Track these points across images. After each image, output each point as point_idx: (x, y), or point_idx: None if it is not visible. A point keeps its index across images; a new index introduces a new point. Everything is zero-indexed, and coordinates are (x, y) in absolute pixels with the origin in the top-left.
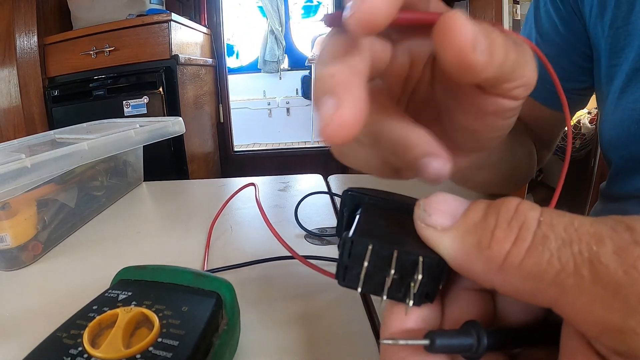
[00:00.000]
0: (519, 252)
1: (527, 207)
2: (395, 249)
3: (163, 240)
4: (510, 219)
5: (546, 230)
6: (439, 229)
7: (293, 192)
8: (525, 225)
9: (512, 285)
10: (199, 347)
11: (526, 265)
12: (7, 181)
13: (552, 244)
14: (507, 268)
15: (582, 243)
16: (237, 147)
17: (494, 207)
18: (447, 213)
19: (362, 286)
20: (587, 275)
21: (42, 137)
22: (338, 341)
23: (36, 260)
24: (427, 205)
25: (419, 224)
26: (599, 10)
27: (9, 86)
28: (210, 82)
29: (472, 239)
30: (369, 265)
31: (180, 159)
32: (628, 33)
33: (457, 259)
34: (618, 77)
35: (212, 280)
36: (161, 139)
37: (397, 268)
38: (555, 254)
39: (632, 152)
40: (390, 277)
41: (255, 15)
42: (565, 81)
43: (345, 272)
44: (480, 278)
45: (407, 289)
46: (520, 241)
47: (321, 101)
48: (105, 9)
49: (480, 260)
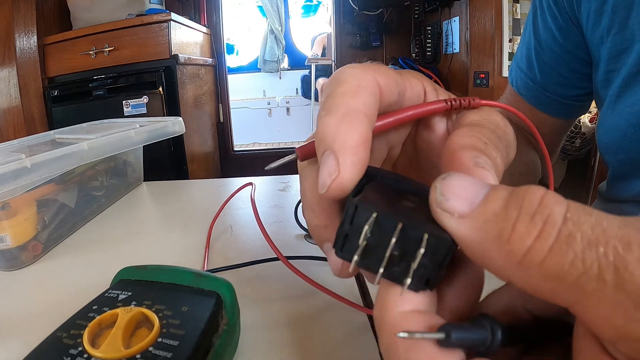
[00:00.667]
0: (541, 250)
1: (553, 200)
2: (400, 220)
3: (163, 240)
4: (534, 212)
5: (572, 229)
6: (456, 216)
7: (293, 192)
8: (550, 220)
9: (530, 282)
10: (199, 347)
11: (548, 264)
12: (7, 181)
13: (577, 244)
14: (526, 265)
15: (609, 246)
16: (237, 147)
17: (517, 196)
18: (466, 198)
19: (359, 258)
20: (611, 281)
21: (42, 137)
22: (338, 341)
23: (36, 260)
24: (445, 188)
25: (434, 208)
26: (596, 17)
27: (8, 86)
28: (210, 81)
29: (491, 229)
30: (370, 237)
31: (180, 159)
32: (625, 38)
33: (473, 248)
34: (615, 82)
35: (212, 280)
36: (161, 139)
37: (400, 243)
38: (580, 255)
39: (629, 156)
40: (390, 248)
41: (255, 14)
42: (566, 88)
43: (344, 240)
44: (496, 271)
45: (406, 269)
46: (543, 237)
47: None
48: (105, 9)
49: (499, 253)
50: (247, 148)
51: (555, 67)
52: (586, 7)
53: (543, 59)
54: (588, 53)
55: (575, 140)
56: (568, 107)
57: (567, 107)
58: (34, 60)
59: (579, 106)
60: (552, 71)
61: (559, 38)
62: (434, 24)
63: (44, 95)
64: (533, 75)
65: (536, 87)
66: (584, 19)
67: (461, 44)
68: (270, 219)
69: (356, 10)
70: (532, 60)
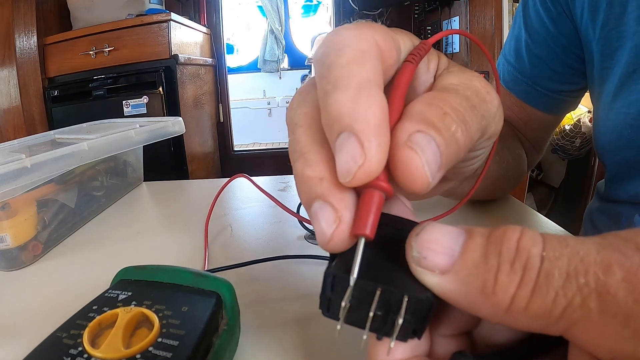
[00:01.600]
0: (525, 295)
1: (529, 243)
2: (379, 286)
3: (163, 240)
4: (513, 259)
5: (549, 267)
6: (437, 272)
7: (293, 192)
8: (528, 265)
9: (520, 324)
10: (199, 347)
11: (532, 307)
12: (7, 181)
13: (556, 281)
14: (513, 312)
15: (589, 274)
16: (237, 147)
17: (495, 243)
18: (444, 253)
19: (345, 320)
20: (595, 307)
21: (42, 137)
22: (338, 341)
23: (36, 261)
24: (420, 245)
25: (413, 267)
26: (591, 11)
27: (8, 86)
28: (210, 81)
29: (474, 282)
30: (352, 300)
31: (180, 159)
32: (620, 35)
33: (459, 301)
34: (610, 80)
35: (212, 280)
36: (161, 139)
37: (381, 305)
38: (561, 291)
39: (625, 158)
40: (371, 315)
41: (255, 14)
42: (558, 83)
43: (329, 304)
44: (484, 317)
45: (391, 327)
46: (525, 283)
47: (316, 209)
48: (105, 9)
49: (486, 304)
50: (247, 148)
51: (547, 61)
52: (580, 1)
53: (534, 52)
54: (581, 48)
55: (575, 139)
56: (558, 102)
57: (556, 102)
58: (34, 60)
59: (569, 101)
60: (543, 65)
61: (551, 29)
62: (433, 24)
63: (44, 95)
64: (522, 69)
65: (525, 80)
66: (578, 12)
67: (461, 43)
68: (271, 219)
69: (356, 10)
70: (521, 53)
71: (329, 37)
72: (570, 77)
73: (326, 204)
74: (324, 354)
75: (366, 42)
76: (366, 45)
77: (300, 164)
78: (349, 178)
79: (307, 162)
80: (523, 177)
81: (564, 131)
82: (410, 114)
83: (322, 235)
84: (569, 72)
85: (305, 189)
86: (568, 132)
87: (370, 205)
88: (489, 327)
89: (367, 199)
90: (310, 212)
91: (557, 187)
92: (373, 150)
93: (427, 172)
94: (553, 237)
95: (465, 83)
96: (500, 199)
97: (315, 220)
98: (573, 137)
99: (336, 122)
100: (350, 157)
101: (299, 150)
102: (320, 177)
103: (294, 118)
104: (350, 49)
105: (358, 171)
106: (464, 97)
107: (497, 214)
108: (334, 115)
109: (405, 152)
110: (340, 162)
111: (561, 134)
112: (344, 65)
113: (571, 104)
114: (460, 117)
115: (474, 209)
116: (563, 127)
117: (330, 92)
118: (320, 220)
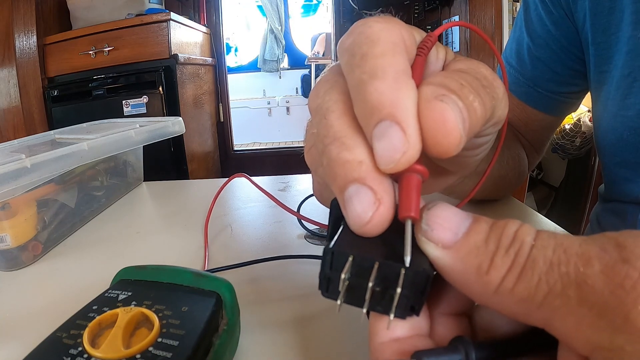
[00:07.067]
0: (512, 278)
1: (524, 232)
2: (376, 260)
3: (163, 240)
4: (509, 245)
5: (536, 254)
6: (440, 246)
7: (293, 192)
8: (520, 251)
9: (505, 307)
10: (199, 347)
11: (517, 289)
12: (7, 181)
13: (540, 267)
14: (501, 292)
15: (570, 264)
16: (237, 147)
17: (496, 231)
18: (449, 229)
19: (343, 298)
20: (574, 297)
21: (42, 137)
22: (338, 341)
23: (36, 261)
24: (430, 218)
25: (419, 237)
26: (592, 16)
27: (8, 86)
28: (210, 81)
29: (472, 262)
30: (351, 277)
31: (180, 159)
32: (618, 40)
33: (454, 277)
34: (608, 83)
35: (212, 280)
36: (161, 139)
37: (379, 280)
38: (544, 277)
39: (625, 160)
40: (369, 289)
41: (255, 14)
42: (559, 85)
43: (328, 283)
44: (473, 296)
45: (390, 302)
46: (514, 267)
47: (352, 192)
48: (105, 9)
49: (478, 283)
50: (247, 148)
51: (548, 63)
52: (582, 5)
53: (536, 55)
54: (582, 50)
55: (576, 139)
56: (558, 104)
57: (557, 103)
58: (33, 60)
59: (570, 103)
60: (545, 67)
61: (553, 31)
62: (433, 23)
63: (44, 95)
64: (523, 71)
65: (526, 82)
66: (580, 17)
67: (461, 43)
68: (271, 219)
69: (356, 10)
70: (523, 55)
71: (358, 29)
72: (571, 79)
73: (365, 186)
74: (324, 354)
75: (396, 35)
76: (396, 38)
77: (335, 147)
78: (392, 164)
79: (344, 146)
80: (524, 177)
81: (564, 130)
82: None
83: (359, 218)
84: (570, 73)
85: (342, 172)
86: (568, 132)
87: (412, 188)
88: (490, 317)
89: (409, 182)
90: (345, 195)
91: (557, 186)
92: (415, 138)
93: (459, 125)
94: (546, 231)
95: (473, 68)
96: (501, 199)
97: (351, 204)
98: (573, 136)
99: (376, 110)
100: (393, 145)
101: (332, 135)
102: (359, 161)
103: (323, 104)
104: (383, 42)
105: (402, 158)
106: (473, 77)
107: (497, 213)
108: (374, 104)
109: (437, 105)
110: (382, 150)
111: (561, 133)
112: (378, 56)
113: (572, 105)
114: (476, 89)
115: (474, 208)
116: (563, 127)
117: (367, 81)
118: (358, 203)
